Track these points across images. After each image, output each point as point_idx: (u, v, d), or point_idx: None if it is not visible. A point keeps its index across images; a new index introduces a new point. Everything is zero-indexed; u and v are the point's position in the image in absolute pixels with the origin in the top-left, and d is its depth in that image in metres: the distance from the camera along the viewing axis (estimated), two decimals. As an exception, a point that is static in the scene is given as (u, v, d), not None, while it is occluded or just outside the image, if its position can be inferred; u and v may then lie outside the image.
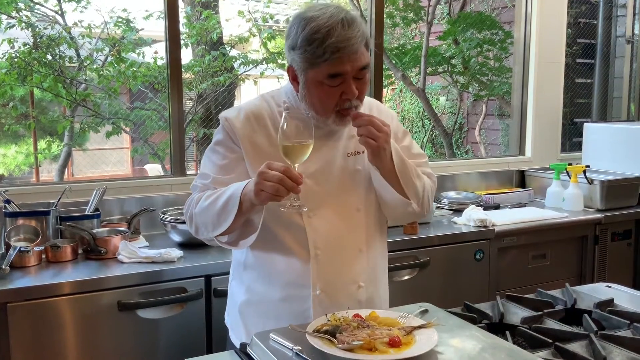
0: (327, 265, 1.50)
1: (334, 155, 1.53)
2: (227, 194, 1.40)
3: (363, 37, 1.40)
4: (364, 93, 1.46)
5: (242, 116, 1.52)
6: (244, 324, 1.59)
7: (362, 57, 1.40)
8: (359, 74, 1.41)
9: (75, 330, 1.93)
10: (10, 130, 4.76)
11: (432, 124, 6.32)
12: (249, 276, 1.58)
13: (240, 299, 1.60)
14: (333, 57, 1.36)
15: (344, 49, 1.36)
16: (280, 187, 1.28)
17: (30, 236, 2.18)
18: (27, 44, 3.90)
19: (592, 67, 4.78)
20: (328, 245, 1.50)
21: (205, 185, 1.51)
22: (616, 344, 1.33)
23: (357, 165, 1.55)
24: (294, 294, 1.51)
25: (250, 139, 1.50)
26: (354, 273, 1.54)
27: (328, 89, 1.41)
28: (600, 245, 2.98)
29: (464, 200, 3.09)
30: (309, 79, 1.41)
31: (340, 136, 1.55)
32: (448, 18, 5.56)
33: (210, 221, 1.44)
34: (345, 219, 1.52)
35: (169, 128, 2.76)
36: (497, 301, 1.58)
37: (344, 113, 1.44)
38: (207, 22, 4.34)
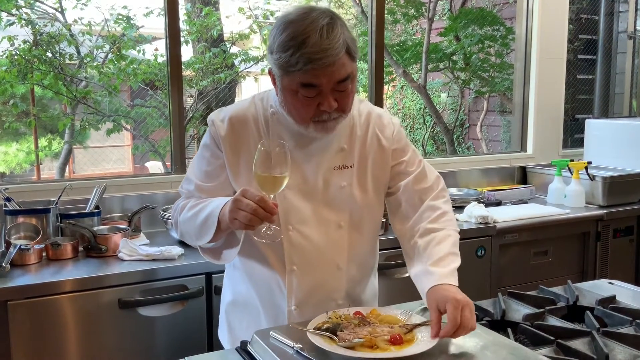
0: (302, 282, 1.46)
1: (320, 169, 1.46)
2: (207, 211, 1.38)
3: (343, 47, 1.28)
4: (347, 104, 1.37)
5: (226, 121, 1.47)
6: (227, 323, 1.61)
7: (340, 70, 1.29)
8: (338, 86, 1.31)
9: (76, 328, 1.93)
10: (11, 128, 4.76)
11: (433, 121, 6.31)
12: (236, 276, 1.58)
13: (227, 299, 1.62)
14: (305, 69, 1.26)
15: (318, 61, 1.26)
16: (253, 217, 1.24)
17: (31, 234, 2.18)
18: (27, 41, 3.89)
19: (593, 63, 4.76)
20: (305, 261, 1.46)
21: (190, 192, 1.50)
22: (618, 340, 1.32)
23: (342, 181, 1.47)
24: (271, 303, 1.50)
25: (233, 145, 1.45)
26: (331, 290, 1.49)
27: (303, 99, 1.32)
28: (602, 242, 2.97)
29: (465, 196, 3.09)
30: (284, 86, 1.34)
31: (329, 149, 1.47)
32: (449, 14, 5.54)
33: (193, 233, 1.44)
34: (326, 235, 1.47)
35: (170, 125, 2.76)
36: (498, 298, 1.57)
37: (321, 122, 1.36)
38: (207, 19, 4.33)
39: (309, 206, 1.46)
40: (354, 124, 1.51)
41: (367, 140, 1.51)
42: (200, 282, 2.08)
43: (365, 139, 1.51)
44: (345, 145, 1.48)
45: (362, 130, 1.51)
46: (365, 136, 1.51)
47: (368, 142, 1.51)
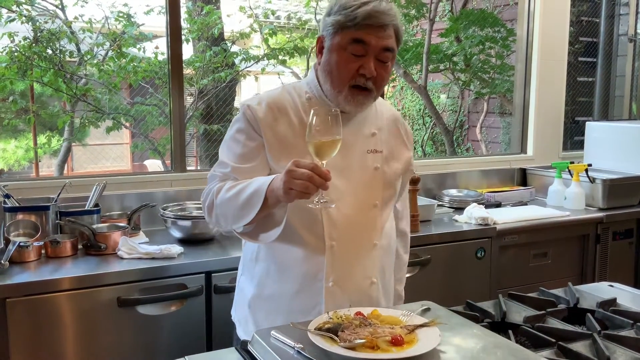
0: (341, 258, 1.50)
1: (355, 151, 1.54)
2: (252, 188, 1.39)
3: (395, 21, 1.45)
4: (383, 80, 1.48)
5: (264, 105, 1.51)
6: (253, 319, 1.58)
7: (388, 38, 1.44)
8: (381, 55, 1.45)
9: (74, 326, 1.92)
10: (10, 125, 4.75)
11: (432, 122, 6.31)
12: (260, 270, 1.57)
13: (251, 294, 1.59)
14: (362, 23, 1.41)
15: (375, 19, 1.42)
16: (309, 184, 1.27)
17: (30, 231, 2.17)
18: (28, 38, 3.88)
19: (594, 65, 4.76)
20: (343, 237, 1.51)
21: (225, 174, 1.50)
22: (619, 343, 1.32)
23: (375, 162, 1.57)
24: (306, 287, 1.50)
25: (272, 128, 1.49)
26: (367, 268, 1.55)
27: (348, 57, 1.44)
28: (601, 244, 2.97)
29: (465, 198, 3.09)
30: (334, 43, 1.45)
31: (362, 133, 1.57)
32: (450, 15, 5.53)
33: (231, 213, 1.43)
34: (362, 213, 1.54)
35: (170, 124, 2.75)
36: (499, 300, 1.57)
37: (356, 91, 1.46)
38: (208, 17, 4.32)
39: (346, 185, 1.52)
40: (381, 114, 1.63)
41: (392, 131, 1.64)
42: (199, 280, 2.07)
43: (392, 130, 1.64)
44: (375, 130, 1.59)
45: (387, 121, 1.64)
46: (391, 128, 1.65)
47: (393, 134, 1.64)
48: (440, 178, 3.28)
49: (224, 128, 4.37)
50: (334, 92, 1.47)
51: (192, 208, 2.51)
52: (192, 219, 2.31)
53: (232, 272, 2.10)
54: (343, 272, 1.51)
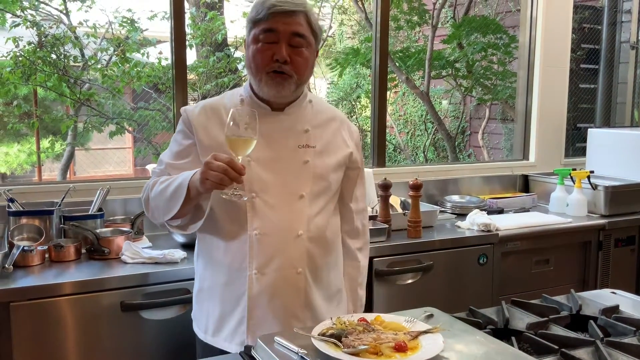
0: (264, 247, 1.55)
1: (285, 145, 1.60)
2: (178, 181, 1.50)
3: (303, 7, 1.53)
4: (300, 65, 1.54)
5: (198, 108, 1.63)
6: (199, 312, 1.68)
7: (297, 24, 1.52)
8: (293, 40, 1.52)
9: (77, 331, 1.93)
10: (14, 129, 4.77)
11: (434, 128, 6.32)
12: (200, 266, 1.68)
13: (196, 288, 1.71)
14: (268, 13, 1.50)
15: (279, 7, 1.50)
16: (224, 177, 1.37)
17: (34, 235, 2.18)
18: (32, 42, 3.90)
19: (596, 72, 4.77)
20: (267, 227, 1.56)
21: (162, 170, 1.63)
22: (622, 350, 1.32)
23: (306, 157, 1.62)
24: (234, 277, 1.58)
25: (205, 128, 1.59)
26: (293, 258, 1.58)
27: (261, 47, 1.52)
28: (603, 251, 2.97)
29: (467, 204, 3.09)
30: (250, 40, 1.55)
31: (295, 129, 1.63)
32: (452, 22, 5.55)
33: (162, 206, 1.55)
34: (288, 204, 1.58)
35: (173, 129, 2.75)
36: (502, 306, 1.57)
37: (273, 74, 1.52)
38: (212, 23, 4.34)
39: (272, 177, 1.58)
40: (317, 113, 1.68)
41: (329, 129, 1.69)
42: (202, 286, 2.08)
43: (327, 128, 1.68)
44: (308, 127, 1.65)
45: (324, 118, 1.69)
46: (327, 125, 1.69)
47: (330, 131, 1.68)
48: (442, 184, 3.29)
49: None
50: (256, 81, 1.55)
51: (195, 213, 2.51)
52: (195, 224, 2.31)
53: (235, 277, 2.11)
54: (266, 261, 1.55)
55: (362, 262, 1.81)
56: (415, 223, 2.53)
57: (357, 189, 1.78)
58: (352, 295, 1.78)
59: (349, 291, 1.78)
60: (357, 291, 1.80)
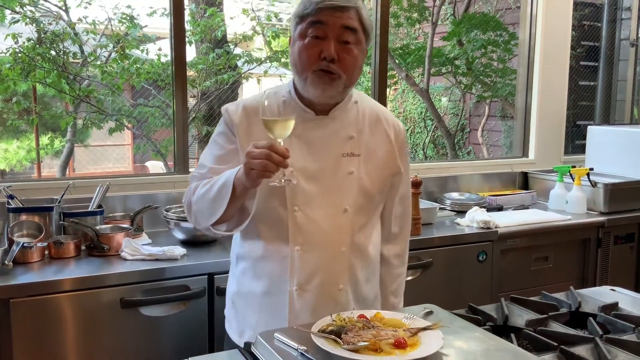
0: (306, 263, 1.50)
1: (328, 154, 1.53)
2: (221, 181, 1.43)
3: (355, 2, 1.44)
4: (348, 64, 1.46)
5: (240, 109, 1.55)
6: (235, 313, 1.64)
7: (348, 19, 1.43)
8: (343, 35, 1.43)
9: (77, 327, 1.93)
10: (13, 125, 4.76)
11: (434, 125, 6.32)
12: (239, 268, 1.62)
13: (232, 290, 1.65)
14: (317, 7, 1.41)
15: (329, 2, 1.41)
16: (268, 162, 1.30)
17: (34, 232, 2.18)
18: (31, 39, 3.89)
19: (595, 69, 4.77)
20: (308, 241, 1.50)
21: (202, 174, 1.54)
22: (621, 347, 1.32)
23: (350, 167, 1.54)
24: (273, 289, 1.53)
25: (246, 130, 1.53)
26: (335, 274, 1.53)
27: (308, 42, 1.43)
28: (602, 249, 2.97)
29: (467, 201, 3.09)
30: (296, 35, 1.47)
31: (338, 136, 1.55)
32: (452, 19, 5.55)
33: (206, 209, 1.47)
34: (331, 218, 1.52)
35: (173, 125, 2.76)
36: (501, 303, 1.57)
37: (320, 73, 1.44)
38: (211, 20, 4.33)
39: (316, 189, 1.51)
40: (363, 115, 1.59)
41: (375, 133, 1.59)
42: (202, 282, 2.08)
43: (373, 131, 1.59)
44: (353, 133, 1.56)
45: (370, 122, 1.59)
46: (373, 128, 1.59)
47: (376, 135, 1.59)
48: (441, 181, 3.29)
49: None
50: (301, 80, 1.48)
51: (195, 210, 2.51)
52: (195, 221, 2.32)
53: (234, 274, 2.11)
54: (308, 277, 1.50)
55: (396, 269, 1.72)
56: (414, 220, 2.52)
57: (399, 192, 1.68)
58: (384, 302, 1.71)
59: (382, 298, 1.71)
60: (389, 299, 1.71)
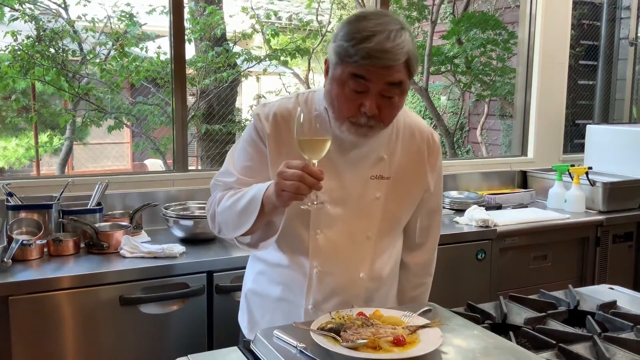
0: (322, 285, 1.49)
1: (355, 177, 1.47)
2: (249, 196, 1.37)
3: (404, 55, 1.30)
4: (388, 115, 1.37)
5: (271, 118, 1.47)
6: (247, 309, 1.64)
7: (396, 73, 1.30)
8: (386, 90, 1.32)
9: (76, 325, 1.93)
10: (12, 123, 4.75)
11: (433, 124, 6.32)
12: (258, 267, 1.61)
13: (248, 285, 1.65)
14: (362, 63, 1.28)
15: (377, 60, 1.28)
16: (300, 185, 1.23)
17: (33, 229, 2.18)
18: (31, 36, 3.89)
19: (594, 68, 4.78)
20: (328, 264, 1.48)
21: (227, 184, 1.49)
22: (620, 345, 1.33)
23: (377, 191, 1.49)
24: (289, 299, 1.53)
25: (277, 139, 1.46)
26: (350, 296, 1.51)
27: (348, 93, 1.33)
28: (601, 247, 2.98)
29: (466, 200, 3.09)
30: (335, 75, 1.35)
31: (369, 158, 1.49)
32: (452, 17, 5.55)
33: (232, 222, 1.43)
34: (352, 244, 1.49)
35: (172, 124, 2.76)
36: (500, 301, 1.58)
37: (357, 126, 1.36)
38: (210, 18, 4.33)
39: (340, 213, 1.47)
40: (397, 133, 1.51)
41: (408, 152, 1.53)
42: (201, 280, 2.08)
43: (407, 150, 1.52)
44: (385, 155, 1.49)
45: (403, 140, 1.52)
46: (407, 147, 1.52)
47: (409, 155, 1.53)
48: (440, 180, 3.28)
49: (225, 128, 4.38)
50: (336, 122, 1.38)
51: (194, 208, 2.51)
52: (194, 219, 2.32)
53: (233, 271, 2.11)
54: (324, 298, 1.49)
55: (419, 278, 1.69)
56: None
57: (427, 206, 1.62)
58: None
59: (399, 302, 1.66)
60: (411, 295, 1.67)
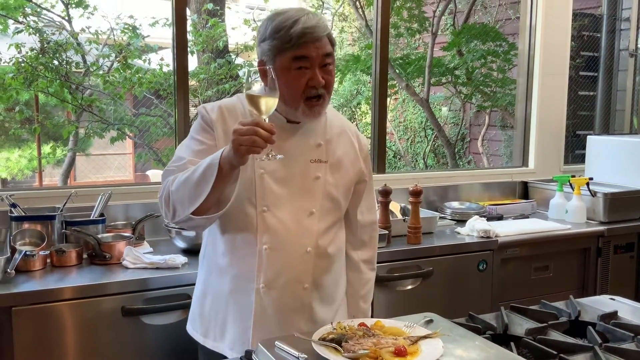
0: (273, 262, 1.56)
1: (298, 160, 1.60)
2: (205, 164, 1.43)
3: (326, 29, 1.53)
4: (331, 84, 1.55)
5: (216, 109, 1.60)
6: (199, 314, 1.68)
7: (326, 45, 1.52)
8: (323, 60, 1.51)
9: (79, 335, 1.94)
10: (15, 134, 4.78)
11: (434, 134, 6.34)
12: (205, 268, 1.68)
13: (198, 291, 1.70)
14: (299, 42, 1.48)
15: (309, 35, 1.48)
16: (256, 138, 1.33)
17: (36, 240, 2.19)
18: (35, 49, 3.92)
19: (595, 79, 4.79)
20: (277, 242, 1.56)
21: (180, 167, 1.54)
22: (620, 356, 1.33)
23: (317, 172, 1.62)
24: (240, 287, 1.58)
25: (223, 128, 1.57)
26: (300, 273, 1.59)
27: (295, 74, 1.50)
28: (602, 258, 2.98)
29: (467, 210, 3.10)
30: (277, 67, 1.50)
31: (308, 144, 1.62)
32: (452, 29, 5.59)
33: (187, 194, 1.46)
34: (298, 220, 1.59)
35: (175, 135, 2.78)
36: (501, 312, 1.58)
37: (311, 103, 1.52)
38: (213, 30, 4.37)
39: (284, 192, 1.58)
40: (330, 125, 1.68)
41: (341, 142, 1.68)
42: (203, 291, 2.09)
43: (340, 140, 1.68)
44: (321, 141, 1.64)
45: (337, 132, 1.69)
46: (339, 138, 1.69)
47: (342, 144, 1.68)
48: (442, 190, 3.30)
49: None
50: (291, 109, 1.54)
51: (196, 218, 2.52)
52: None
53: (235, 282, 2.12)
54: (274, 275, 1.56)
55: (366, 274, 1.79)
56: (415, 229, 2.54)
57: (364, 202, 1.77)
58: (354, 307, 1.76)
59: (352, 303, 1.76)
60: (359, 304, 1.77)
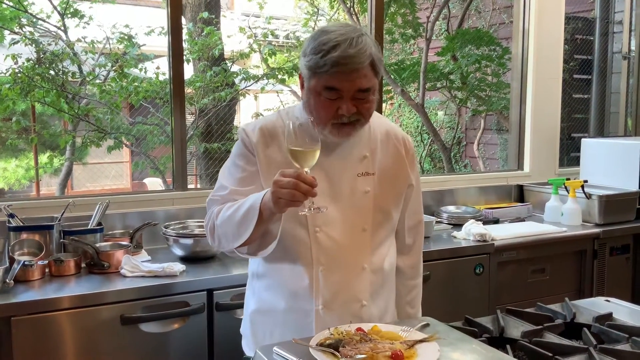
0: (329, 282, 1.53)
1: (344, 175, 1.56)
2: (247, 205, 1.42)
3: (368, 58, 1.42)
4: (366, 110, 1.48)
5: (257, 130, 1.56)
6: (252, 333, 1.64)
7: (362, 79, 1.43)
8: (358, 94, 1.44)
9: (78, 344, 1.94)
10: (12, 144, 4.79)
11: (430, 139, 6.36)
12: (259, 285, 1.64)
13: (251, 308, 1.65)
14: (331, 71, 1.41)
15: (343, 66, 1.40)
16: (296, 192, 1.30)
17: (34, 250, 2.19)
18: (31, 59, 3.94)
19: (589, 82, 4.82)
20: (332, 262, 1.53)
21: (224, 197, 1.54)
22: (615, 357, 1.34)
23: (366, 186, 1.57)
24: (297, 307, 1.55)
25: (264, 151, 1.54)
26: (357, 291, 1.56)
27: (324, 101, 1.45)
28: (598, 260, 2.99)
29: (463, 214, 3.11)
30: (310, 87, 1.47)
31: (353, 156, 1.58)
32: (446, 34, 5.62)
33: (231, 232, 1.46)
34: (351, 237, 1.55)
35: (172, 143, 2.79)
36: (497, 315, 1.59)
37: (339, 126, 1.47)
38: (208, 38, 4.38)
39: (335, 209, 1.54)
40: (374, 133, 1.62)
41: (387, 149, 1.63)
42: (201, 298, 2.09)
43: (385, 148, 1.63)
44: (367, 153, 1.59)
45: (381, 139, 1.63)
46: (385, 147, 1.63)
47: (388, 152, 1.63)
48: (438, 195, 3.31)
49: (224, 147, 4.41)
50: (319, 127, 1.46)
51: (194, 226, 2.53)
52: (194, 237, 2.34)
53: (233, 289, 2.12)
54: (332, 295, 1.53)
55: (411, 280, 1.75)
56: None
57: (411, 205, 1.71)
58: (401, 313, 1.73)
59: (399, 309, 1.73)
60: (406, 309, 1.74)
